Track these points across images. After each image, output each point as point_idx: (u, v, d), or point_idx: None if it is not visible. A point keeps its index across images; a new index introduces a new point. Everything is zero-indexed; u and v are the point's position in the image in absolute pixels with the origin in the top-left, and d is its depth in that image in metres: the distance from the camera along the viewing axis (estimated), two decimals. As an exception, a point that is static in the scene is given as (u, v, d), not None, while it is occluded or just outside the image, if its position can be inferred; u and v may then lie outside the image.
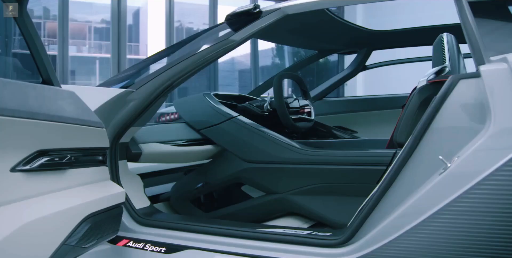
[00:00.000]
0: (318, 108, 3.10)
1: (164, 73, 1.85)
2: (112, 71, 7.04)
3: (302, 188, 2.07)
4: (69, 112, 1.44)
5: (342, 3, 1.96)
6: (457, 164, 1.29)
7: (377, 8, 6.95)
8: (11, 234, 1.18)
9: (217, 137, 2.26)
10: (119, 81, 2.11)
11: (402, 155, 1.43)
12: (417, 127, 1.41)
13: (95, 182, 1.61)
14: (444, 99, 1.37)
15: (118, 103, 1.83)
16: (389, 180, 1.45)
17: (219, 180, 2.28)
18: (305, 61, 3.23)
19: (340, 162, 1.98)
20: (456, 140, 1.35)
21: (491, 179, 1.23)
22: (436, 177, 1.35)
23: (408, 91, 3.35)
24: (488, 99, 1.28)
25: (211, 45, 1.85)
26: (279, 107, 2.36)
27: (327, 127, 2.82)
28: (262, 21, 1.88)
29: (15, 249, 1.21)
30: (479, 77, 1.34)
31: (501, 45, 1.41)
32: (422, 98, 1.87)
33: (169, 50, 2.29)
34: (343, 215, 1.98)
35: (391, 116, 3.13)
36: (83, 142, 1.52)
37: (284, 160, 2.08)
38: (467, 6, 1.48)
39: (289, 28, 2.52)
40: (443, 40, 2.04)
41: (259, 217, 2.21)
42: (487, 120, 1.29)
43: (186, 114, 2.38)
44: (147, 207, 1.99)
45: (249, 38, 1.86)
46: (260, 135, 2.16)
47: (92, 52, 8.66)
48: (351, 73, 3.25)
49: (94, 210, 1.51)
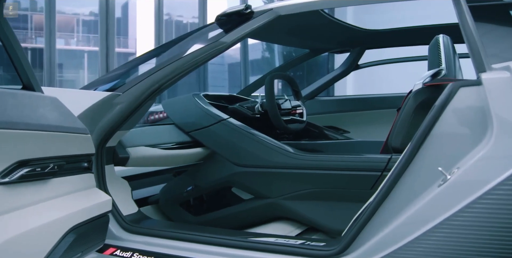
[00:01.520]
0: (310, 108, 3.05)
1: (152, 76, 1.79)
2: (100, 65, 6.94)
3: (294, 193, 2.02)
4: (51, 119, 1.37)
5: (336, 4, 1.90)
6: (457, 176, 1.25)
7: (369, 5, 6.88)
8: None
9: (207, 140, 2.20)
10: (105, 82, 2.04)
11: (400, 164, 1.39)
12: (416, 136, 1.36)
13: (80, 191, 1.55)
14: (444, 107, 1.32)
15: (104, 106, 1.77)
16: (387, 189, 1.40)
17: (209, 183, 2.23)
18: (296, 60, 3.17)
19: (333, 167, 1.94)
20: (455, 150, 1.31)
21: (493, 193, 1.18)
22: (435, 189, 1.30)
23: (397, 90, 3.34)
24: (490, 109, 1.24)
25: (201, 47, 1.79)
26: (270, 108, 2.31)
27: (319, 128, 2.78)
28: (253, 22, 1.82)
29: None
30: (480, 85, 1.29)
31: (503, 52, 1.36)
32: (417, 102, 1.83)
33: (157, 51, 2.22)
34: (336, 220, 1.94)
35: (384, 116, 3.09)
36: (67, 149, 1.46)
37: (276, 165, 2.03)
38: (467, 10, 1.43)
39: (280, 27, 2.46)
40: (439, 42, 1.99)
41: (250, 222, 2.16)
42: (488, 130, 1.25)
43: (175, 116, 2.32)
44: (134, 213, 1.94)
45: (240, 39, 1.80)
46: (251, 138, 2.10)
47: (80, 45, 8.54)
48: (343, 72, 3.20)
49: (79, 221, 1.45)
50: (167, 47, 2.13)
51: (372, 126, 3.09)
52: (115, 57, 6.97)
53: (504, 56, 1.34)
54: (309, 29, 2.54)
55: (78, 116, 1.74)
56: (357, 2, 1.92)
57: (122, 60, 8.58)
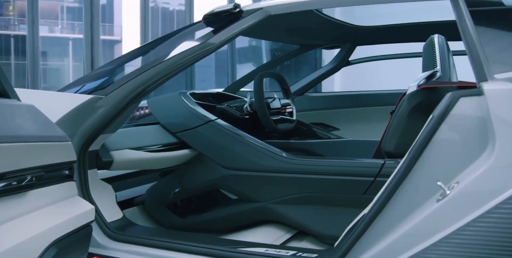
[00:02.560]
0: (299, 104, 3.00)
1: (136, 78, 1.71)
2: (85, 53, 6.79)
3: (284, 197, 1.97)
4: (28, 129, 1.29)
5: (330, 4, 1.83)
6: (457, 192, 1.20)
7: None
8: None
9: (194, 142, 2.14)
10: (88, 83, 1.96)
11: (397, 176, 1.33)
12: (413, 147, 1.31)
13: (61, 200, 1.48)
14: (444, 117, 1.27)
15: (86, 110, 1.69)
16: (384, 200, 1.35)
17: (196, 186, 2.17)
18: (285, 56, 3.10)
19: (325, 172, 1.88)
20: (454, 162, 1.26)
21: (495, 212, 1.13)
22: (433, 203, 1.25)
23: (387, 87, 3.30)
24: (492, 123, 1.18)
25: (188, 48, 1.71)
26: (259, 109, 2.25)
27: (308, 126, 2.73)
28: (243, 23, 1.74)
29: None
30: (481, 95, 1.23)
31: (506, 61, 1.30)
32: (412, 105, 1.78)
33: (143, 50, 2.13)
34: (327, 225, 1.90)
35: (374, 114, 3.06)
36: (46, 159, 1.38)
37: (266, 168, 1.98)
38: (467, 15, 1.37)
39: (269, 23, 2.39)
40: (434, 42, 1.94)
41: (238, 225, 2.12)
42: (489, 143, 1.20)
43: (161, 115, 2.24)
44: (119, 219, 1.88)
45: (229, 40, 1.73)
46: (240, 140, 2.04)
47: (65, 33, 8.36)
48: (333, 68, 3.14)
49: (61, 234, 1.39)
50: (153, 46, 2.05)
51: (362, 124, 3.05)
52: (100, 44, 6.83)
53: (507, 65, 1.28)
54: (299, 26, 2.46)
55: (59, 120, 1.67)
56: (353, 3, 1.85)
57: (108, 47, 8.42)
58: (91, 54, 6.74)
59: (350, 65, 3.16)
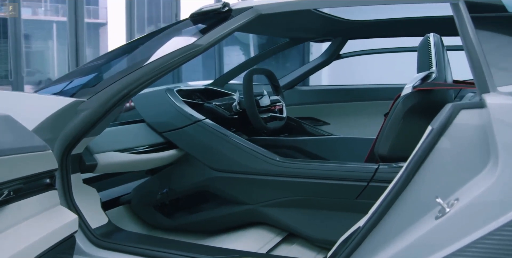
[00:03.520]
0: (289, 98, 2.94)
1: (120, 81, 1.63)
2: (69, 36, 6.62)
3: (275, 200, 1.92)
4: (5, 142, 1.22)
5: (324, 4, 1.75)
6: (458, 210, 1.15)
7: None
8: None
9: (181, 142, 2.08)
10: (69, 83, 1.88)
11: (395, 188, 1.29)
12: (412, 160, 1.26)
13: (43, 211, 1.42)
14: (443, 130, 1.21)
15: (67, 113, 1.62)
16: (379, 214, 1.31)
17: (184, 187, 2.12)
18: (275, 49, 3.02)
19: (318, 176, 1.84)
20: (454, 177, 1.21)
21: (498, 234, 1.08)
22: (431, 220, 1.20)
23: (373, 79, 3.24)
24: (495, 138, 1.12)
25: (174, 50, 1.63)
26: (249, 108, 2.19)
27: (297, 121, 2.68)
28: (232, 22, 1.67)
29: None
30: (483, 108, 1.18)
31: (510, 72, 1.25)
32: (407, 107, 1.73)
33: (127, 49, 2.04)
34: (318, 229, 1.87)
35: (366, 108, 3.01)
36: (25, 171, 1.32)
37: (256, 171, 1.93)
38: (469, 22, 1.31)
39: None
40: (430, 42, 1.88)
41: (227, 226, 2.08)
42: (491, 159, 1.15)
43: (147, 113, 2.17)
44: (105, 225, 1.82)
45: (217, 42, 1.65)
46: (229, 142, 1.98)
47: (49, 15, 8.15)
48: (324, 62, 3.06)
49: (43, 249, 1.33)
50: (138, 45, 1.96)
51: (353, 118, 3.00)
52: (84, 27, 6.67)
53: (511, 77, 1.23)
54: (290, 20, 2.38)
55: (39, 125, 1.59)
56: (346, 3, 1.78)
57: (92, 30, 8.23)
58: (75, 38, 6.58)
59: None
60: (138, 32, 7.12)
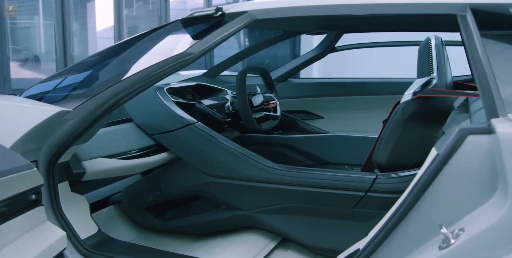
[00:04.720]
0: (282, 90, 2.88)
1: (108, 90, 1.56)
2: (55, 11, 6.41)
3: (270, 207, 1.89)
4: None
5: (323, 11, 1.67)
6: (463, 243, 1.10)
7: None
8: None
9: (172, 145, 2.02)
10: (55, 87, 1.80)
11: (397, 214, 1.24)
12: (416, 185, 1.22)
13: (29, 231, 1.37)
14: (449, 157, 1.16)
15: (53, 123, 1.55)
16: (379, 240, 1.27)
17: (176, 191, 2.07)
18: (268, 41, 2.92)
19: (315, 185, 1.79)
20: (459, 205, 1.17)
21: None
22: (435, 250, 1.16)
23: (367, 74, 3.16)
24: (504, 165, 1.07)
25: (164, 59, 1.55)
26: (242, 109, 2.12)
27: (291, 118, 2.62)
28: (225, 29, 1.58)
29: None
30: (492, 134, 1.12)
31: None
32: (407, 115, 1.68)
33: (115, 53, 1.94)
34: (313, 236, 1.84)
35: (360, 103, 2.96)
36: (8, 192, 1.26)
37: (250, 178, 1.88)
38: (478, 40, 1.24)
39: None
40: (431, 45, 1.81)
41: (221, 230, 2.05)
42: (499, 189, 1.10)
43: (136, 113, 2.10)
44: (94, 234, 1.78)
45: (210, 50, 1.57)
46: (222, 147, 1.92)
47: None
48: (319, 55, 2.98)
49: None
50: (127, 49, 1.86)
51: (347, 113, 2.95)
52: (71, 2, 6.47)
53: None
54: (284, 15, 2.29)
55: (23, 136, 1.53)
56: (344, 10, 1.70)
57: (80, 5, 7.98)
58: (61, 12, 6.39)
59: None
60: (126, 7, 6.95)
